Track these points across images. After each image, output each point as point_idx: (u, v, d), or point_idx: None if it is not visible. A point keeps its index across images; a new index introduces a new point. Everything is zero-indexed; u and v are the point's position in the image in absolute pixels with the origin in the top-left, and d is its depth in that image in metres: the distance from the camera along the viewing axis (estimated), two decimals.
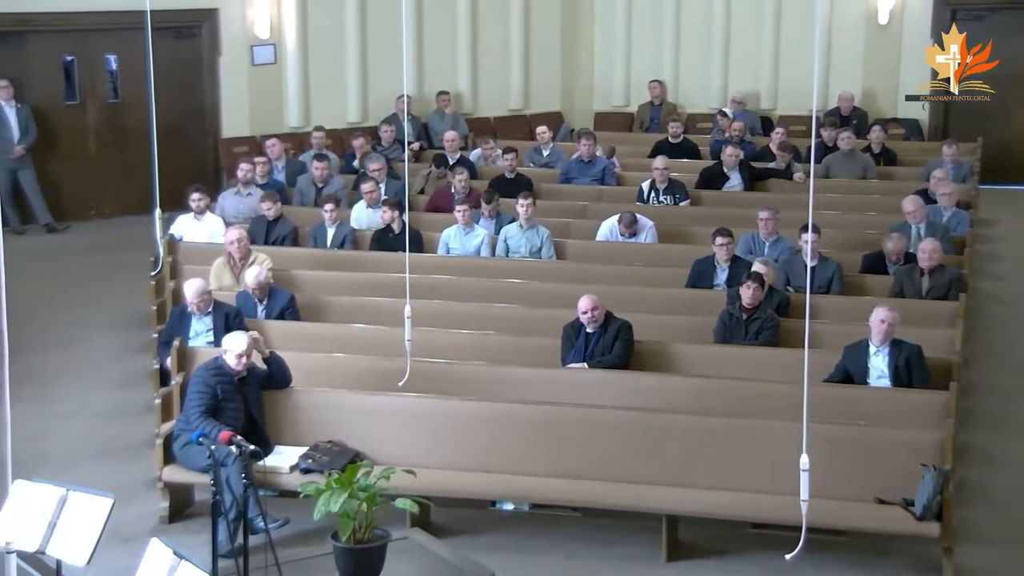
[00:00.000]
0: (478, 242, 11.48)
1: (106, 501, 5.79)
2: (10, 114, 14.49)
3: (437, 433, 8.10)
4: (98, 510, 5.73)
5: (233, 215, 12.43)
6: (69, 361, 10.99)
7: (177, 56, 15.45)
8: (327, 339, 9.50)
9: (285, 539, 7.47)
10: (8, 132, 14.45)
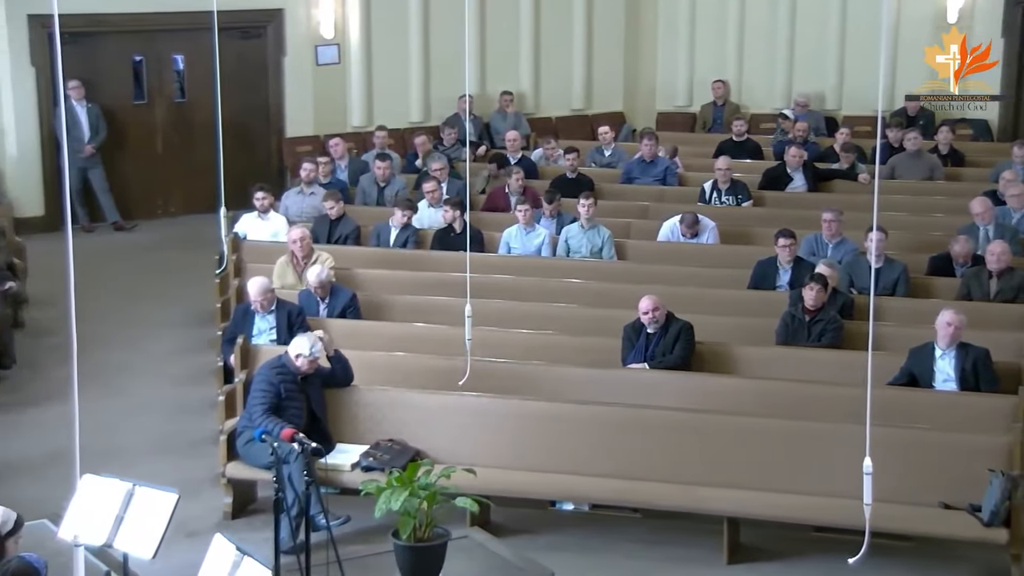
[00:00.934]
0: (539, 242, 11.49)
1: (171, 496, 5.86)
2: (81, 114, 14.71)
3: (497, 432, 8.11)
4: (163, 505, 5.80)
5: (296, 214, 12.53)
6: (136, 357, 11.14)
7: (243, 56, 15.60)
8: (388, 338, 9.54)
9: (346, 536, 7.51)
10: (79, 131, 14.67)
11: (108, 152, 15.09)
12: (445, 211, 11.65)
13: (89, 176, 14.90)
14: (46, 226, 14.16)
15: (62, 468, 6.25)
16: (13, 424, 9.73)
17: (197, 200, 15.00)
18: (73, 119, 14.60)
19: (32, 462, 8.89)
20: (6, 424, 9.74)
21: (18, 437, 9.46)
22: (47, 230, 13.95)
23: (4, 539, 5.10)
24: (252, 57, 15.91)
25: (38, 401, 10.01)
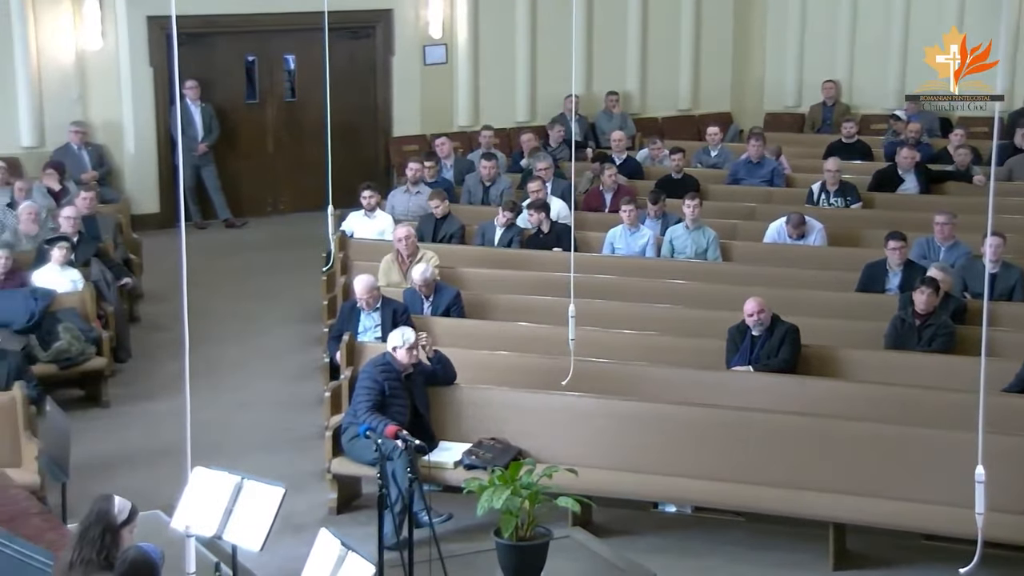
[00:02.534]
0: (643, 242, 11.45)
1: (278, 490, 5.95)
2: (195, 113, 15.02)
3: (600, 432, 8.10)
4: (271, 499, 5.90)
5: (402, 212, 12.65)
6: (244, 353, 11.34)
7: (352, 56, 15.79)
8: (492, 336, 9.58)
9: (449, 534, 7.55)
10: (193, 130, 14.98)
11: (220, 151, 15.39)
12: (531, 215, 11.66)
13: (202, 174, 15.21)
14: (161, 223, 14.48)
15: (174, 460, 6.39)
16: (128, 416, 9.99)
17: (306, 198, 15.22)
18: (188, 118, 14.92)
19: (146, 454, 9.11)
20: (122, 416, 9.99)
21: (133, 429, 9.71)
22: (162, 227, 14.27)
23: (120, 528, 5.22)
24: (361, 57, 16.10)
25: (152, 394, 10.26)
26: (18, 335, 9.80)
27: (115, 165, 14.92)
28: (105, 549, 5.12)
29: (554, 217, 11.78)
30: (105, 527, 5.16)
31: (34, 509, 6.75)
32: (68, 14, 14.57)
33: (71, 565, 5.12)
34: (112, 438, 9.49)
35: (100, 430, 9.58)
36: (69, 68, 14.63)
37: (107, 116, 14.85)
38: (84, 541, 5.14)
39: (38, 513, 6.70)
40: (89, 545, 5.13)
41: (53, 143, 14.48)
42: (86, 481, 7.99)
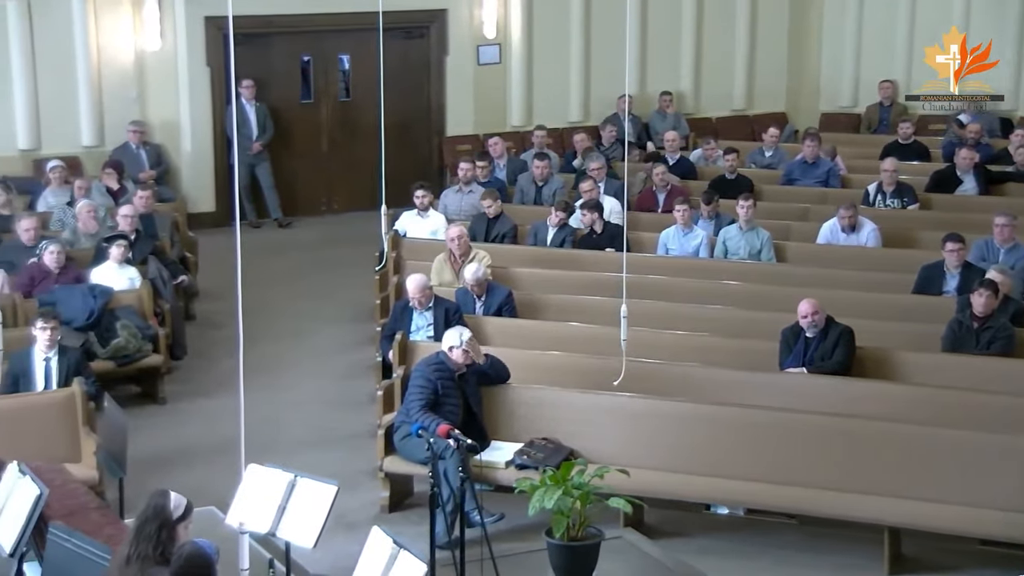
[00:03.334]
0: (697, 243, 11.40)
1: (331, 488, 5.99)
2: (250, 112, 15.15)
3: (651, 433, 8.08)
4: (324, 496, 5.94)
5: (455, 212, 12.68)
6: (298, 351, 11.43)
7: (406, 56, 15.85)
8: (543, 336, 9.58)
9: (500, 534, 7.56)
10: (248, 130, 15.10)
11: (275, 150, 15.50)
12: (583, 215, 11.65)
13: (257, 173, 15.33)
14: (216, 222, 14.62)
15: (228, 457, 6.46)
16: (184, 413, 10.09)
17: (359, 197, 15.30)
18: (243, 118, 15.05)
19: (201, 450, 9.20)
20: (178, 412, 10.10)
21: (188, 425, 9.81)
22: (217, 226, 14.40)
23: (176, 524, 5.28)
24: (415, 57, 16.15)
25: (207, 391, 10.36)
26: (78, 332, 9.93)
27: (172, 164, 15.08)
28: (161, 545, 5.18)
29: (607, 217, 11.77)
30: (161, 523, 5.22)
31: (93, 504, 6.83)
32: (128, 15, 14.75)
33: (128, 560, 5.18)
34: (168, 434, 9.60)
35: (156, 426, 9.69)
36: (128, 68, 14.82)
37: (165, 116, 15.02)
38: (141, 536, 5.21)
39: (96, 508, 6.78)
40: (146, 540, 5.19)
41: (112, 142, 14.67)
42: (143, 477, 8.08)
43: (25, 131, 14.43)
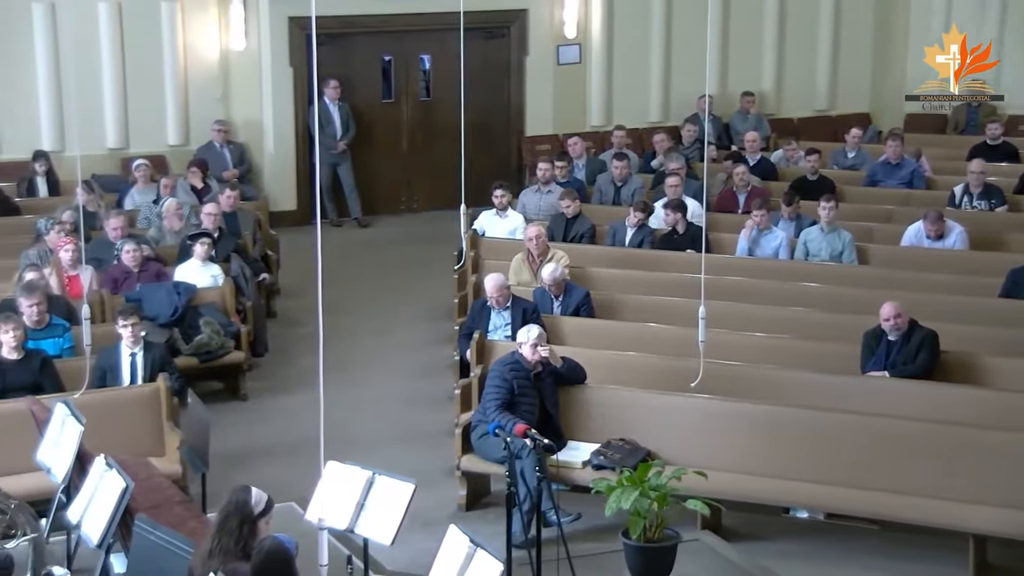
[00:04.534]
0: (776, 244, 11.30)
1: (409, 486, 6.05)
2: (334, 112, 15.29)
3: (729, 436, 8.02)
4: (402, 494, 6.00)
5: (533, 212, 12.70)
6: (377, 349, 11.51)
7: (486, 56, 15.89)
8: (621, 337, 9.56)
9: (577, 534, 7.55)
10: (332, 129, 15.24)
11: (357, 149, 15.63)
12: (667, 214, 11.61)
13: (339, 172, 15.47)
14: (298, 220, 14.78)
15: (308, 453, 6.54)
16: (265, 409, 10.22)
17: (438, 197, 15.38)
18: (327, 117, 15.19)
19: (281, 446, 9.31)
20: (259, 409, 10.23)
21: (269, 422, 9.93)
22: (299, 224, 14.56)
23: (257, 519, 5.36)
24: (495, 57, 16.19)
25: (288, 388, 10.48)
26: (162, 328, 10.10)
27: (255, 163, 15.28)
28: (243, 539, 5.26)
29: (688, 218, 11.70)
30: (243, 518, 5.31)
31: (176, 498, 6.95)
32: (214, 16, 14.99)
33: (210, 553, 5.27)
34: (249, 430, 9.72)
35: (238, 422, 9.82)
36: (213, 68, 15.05)
37: (248, 115, 15.23)
38: (223, 531, 5.29)
39: (180, 502, 6.89)
40: (227, 535, 5.27)
41: (197, 141, 14.91)
42: (224, 472, 8.21)
43: (114, 130, 14.72)
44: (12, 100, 14.26)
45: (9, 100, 14.26)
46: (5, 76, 14.20)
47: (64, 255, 10.45)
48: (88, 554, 6.56)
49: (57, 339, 9.22)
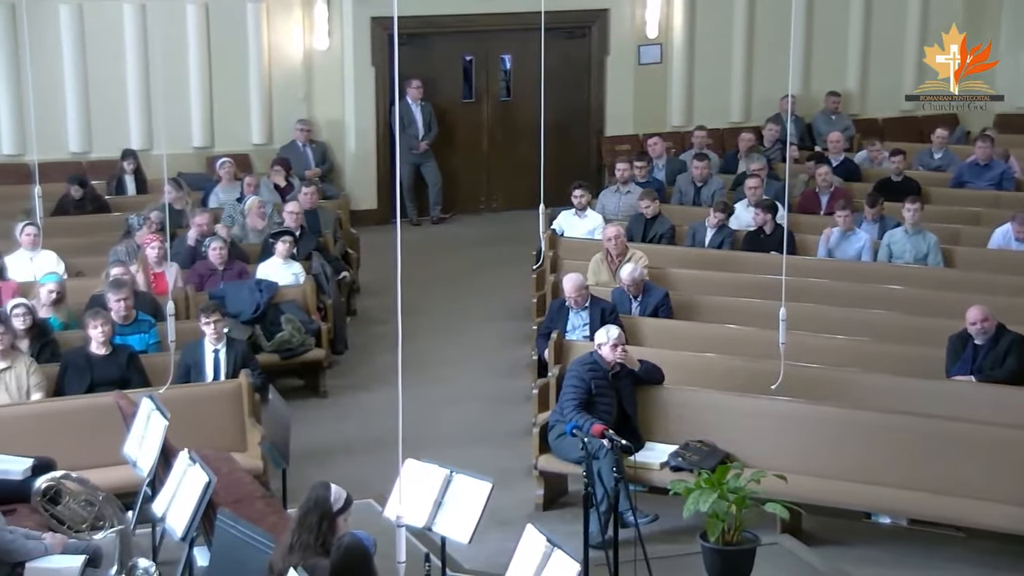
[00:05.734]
0: (859, 246, 11.17)
1: (486, 485, 6.06)
2: (416, 111, 15.38)
3: (810, 439, 7.94)
4: (479, 493, 6.02)
5: (613, 212, 12.67)
6: (455, 348, 11.56)
7: (567, 55, 15.88)
8: (700, 338, 9.51)
9: (654, 535, 7.53)
10: (414, 129, 15.34)
11: (438, 148, 15.70)
12: (756, 213, 11.52)
13: (422, 171, 15.55)
14: (378, 219, 14.89)
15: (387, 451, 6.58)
16: (344, 406, 10.31)
17: (518, 196, 15.40)
18: (409, 117, 15.29)
19: (360, 443, 9.39)
20: (338, 406, 10.33)
21: (348, 419, 10.02)
22: (379, 223, 14.67)
23: (336, 516, 5.41)
24: (576, 56, 16.17)
25: (367, 385, 10.57)
26: (245, 325, 10.24)
27: (336, 162, 15.43)
28: (322, 535, 5.32)
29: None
30: (322, 514, 5.36)
31: (258, 493, 7.04)
32: (298, 16, 15.17)
33: (290, 549, 5.33)
34: (329, 427, 9.82)
35: (318, 419, 9.92)
36: (297, 68, 15.23)
37: (330, 114, 15.38)
38: (303, 527, 5.35)
39: (261, 497, 6.99)
40: (307, 531, 5.33)
41: (280, 140, 15.10)
42: (304, 468, 8.30)
43: (199, 129, 14.96)
44: (102, 100, 14.54)
45: (99, 100, 14.54)
46: (97, 76, 14.49)
47: (150, 252, 10.63)
48: (173, 546, 6.67)
49: (143, 335, 9.39)
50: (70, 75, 14.37)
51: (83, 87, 14.46)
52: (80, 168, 13.90)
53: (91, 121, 14.58)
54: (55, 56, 14.21)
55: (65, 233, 11.77)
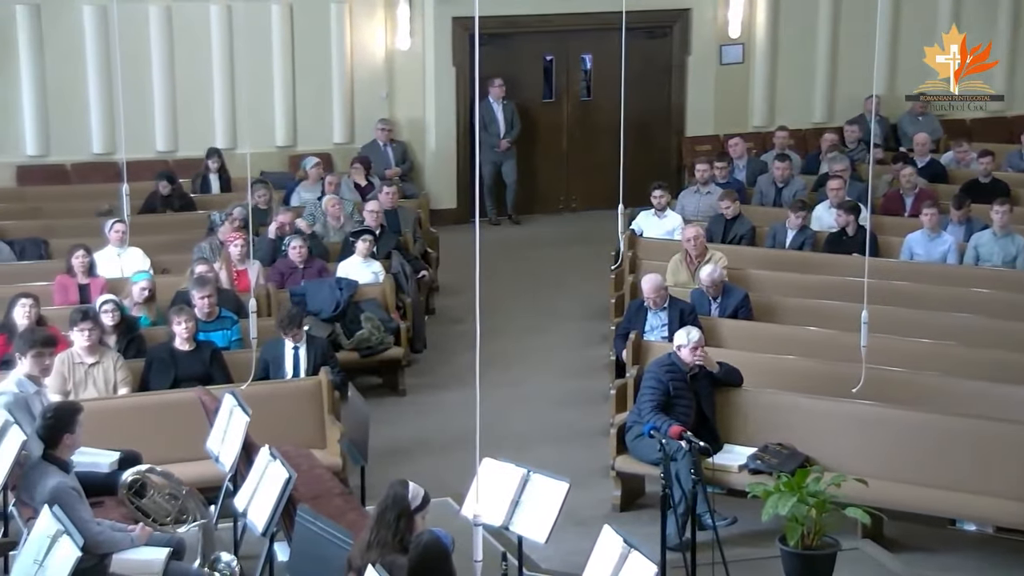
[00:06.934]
0: (945, 248, 10.99)
1: (563, 485, 6.07)
2: (498, 111, 15.41)
3: (892, 443, 7.83)
4: (556, 493, 6.02)
5: (692, 212, 12.60)
6: (533, 348, 11.57)
7: (647, 55, 15.82)
8: (779, 340, 9.43)
9: (732, 538, 7.48)
10: (496, 127, 15.38)
11: (517, 148, 15.71)
12: (838, 215, 11.39)
13: (503, 171, 15.58)
14: (457, 219, 14.96)
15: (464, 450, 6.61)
16: (422, 405, 10.37)
17: (596, 196, 15.37)
18: (491, 116, 15.34)
19: (438, 442, 9.43)
20: (417, 404, 10.39)
21: (427, 417, 10.08)
22: (458, 222, 14.73)
23: (414, 513, 5.45)
24: (656, 56, 16.11)
25: (445, 384, 10.62)
26: (325, 323, 10.34)
27: (417, 161, 15.52)
28: (400, 533, 5.36)
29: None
30: (400, 511, 5.40)
31: (337, 490, 7.11)
32: (380, 17, 15.29)
33: (369, 545, 5.38)
34: (407, 425, 9.88)
35: (396, 417, 9.99)
36: (379, 68, 15.36)
37: (411, 114, 15.48)
38: (381, 524, 5.40)
39: (340, 494, 7.05)
40: (385, 528, 5.37)
41: (361, 140, 15.24)
42: (383, 465, 8.37)
43: (282, 128, 15.15)
44: (188, 99, 14.78)
45: (186, 99, 14.78)
46: (183, 76, 14.73)
47: (233, 250, 10.78)
48: (254, 541, 6.76)
49: (226, 331, 9.52)
50: (158, 75, 14.63)
51: (170, 87, 14.72)
52: (167, 166, 14.15)
53: (177, 120, 14.82)
54: (144, 57, 14.47)
55: (151, 230, 11.97)
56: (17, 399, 7.28)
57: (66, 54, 14.31)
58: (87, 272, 10.33)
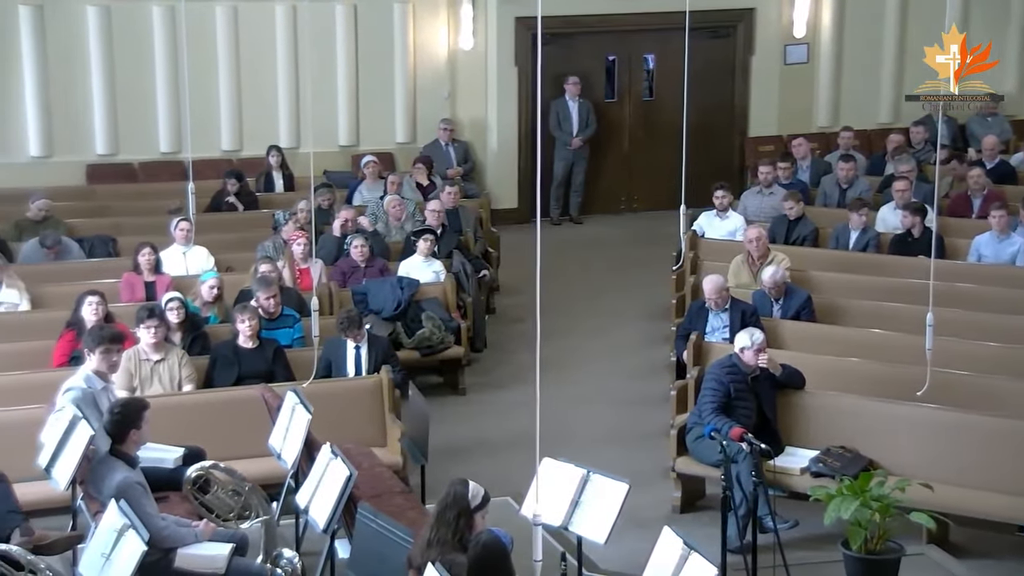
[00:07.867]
0: (1013, 250, 10.82)
1: (622, 486, 6.05)
2: (572, 109, 15.40)
3: (958, 448, 7.73)
4: (616, 493, 6.01)
5: (755, 214, 12.51)
6: (593, 348, 11.56)
7: (710, 55, 15.73)
8: (842, 342, 9.34)
9: (794, 541, 7.41)
10: (569, 126, 15.37)
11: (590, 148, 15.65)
12: (904, 216, 11.26)
13: (574, 170, 15.53)
14: (518, 218, 14.97)
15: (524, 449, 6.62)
16: (482, 404, 10.40)
17: (658, 197, 15.30)
18: (565, 113, 15.34)
19: (498, 441, 9.45)
20: (477, 404, 10.42)
21: (486, 417, 10.10)
22: (519, 222, 14.74)
23: (473, 512, 5.47)
24: (719, 56, 16.02)
25: (505, 384, 10.64)
26: (386, 322, 10.40)
27: (478, 161, 15.56)
28: (460, 531, 5.38)
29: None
30: (460, 510, 5.42)
31: (397, 488, 7.15)
32: (443, 16, 15.35)
33: (429, 544, 5.41)
34: (467, 425, 9.91)
35: (456, 416, 10.02)
36: (441, 68, 15.43)
37: (473, 114, 15.52)
38: (441, 522, 5.42)
39: (400, 492, 7.10)
40: (445, 526, 5.40)
41: (423, 139, 15.30)
42: (443, 464, 8.39)
43: (345, 128, 15.26)
44: (253, 99, 14.94)
45: (250, 99, 14.94)
46: (248, 75, 14.88)
47: (296, 248, 10.88)
48: (315, 538, 6.82)
49: (288, 329, 9.60)
50: (224, 75, 14.80)
51: (235, 87, 14.88)
52: (231, 165, 14.30)
53: (242, 120, 14.98)
54: (210, 57, 14.64)
55: (216, 229, 12.10)
56: (85, 395, 7.40)
57: (136, 54, 14.51)
58: (153, 270, 10.47)
